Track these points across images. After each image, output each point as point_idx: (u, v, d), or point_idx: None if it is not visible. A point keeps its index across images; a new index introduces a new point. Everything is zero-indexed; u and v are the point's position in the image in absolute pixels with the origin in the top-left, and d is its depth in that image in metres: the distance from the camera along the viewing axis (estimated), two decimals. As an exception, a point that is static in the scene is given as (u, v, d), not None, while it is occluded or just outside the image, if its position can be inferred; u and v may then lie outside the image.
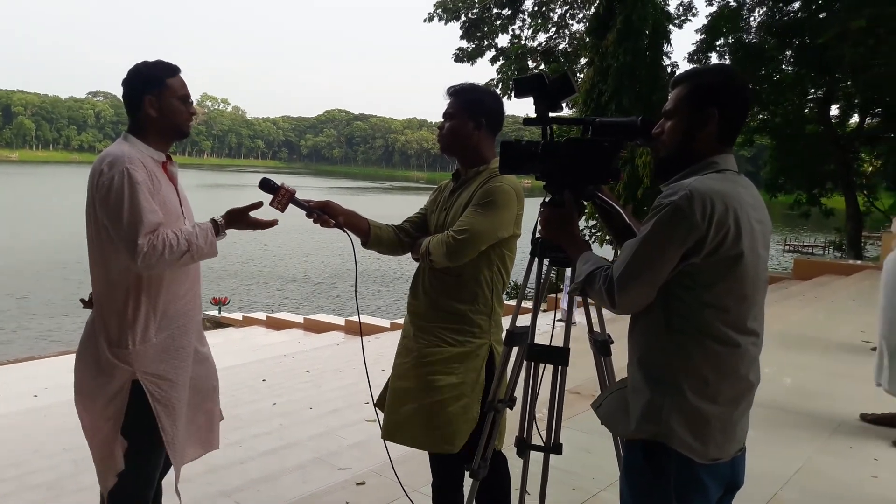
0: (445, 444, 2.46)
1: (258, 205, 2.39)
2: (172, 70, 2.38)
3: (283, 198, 2.40)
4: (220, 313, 15.91)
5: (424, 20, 23.68)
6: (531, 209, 2.44)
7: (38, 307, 20.18)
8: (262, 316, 15.78)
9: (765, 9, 20.00)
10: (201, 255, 2.30)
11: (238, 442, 4.65)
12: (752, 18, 20.27)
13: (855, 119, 21.69)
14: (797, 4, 18.92)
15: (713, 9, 20.37)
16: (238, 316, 16.06)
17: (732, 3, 19.98)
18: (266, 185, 2.42)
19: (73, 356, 2.47)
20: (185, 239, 2.24)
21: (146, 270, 2.21)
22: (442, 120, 2.58)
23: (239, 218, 2.40)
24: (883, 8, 14.63)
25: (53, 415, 6.49)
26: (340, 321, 14.03)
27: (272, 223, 2.46)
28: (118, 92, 2.45)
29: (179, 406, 2.38)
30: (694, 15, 21.23)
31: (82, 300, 2.52)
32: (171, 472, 2.50)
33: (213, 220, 2.37)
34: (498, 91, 17.89)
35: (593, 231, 17.22)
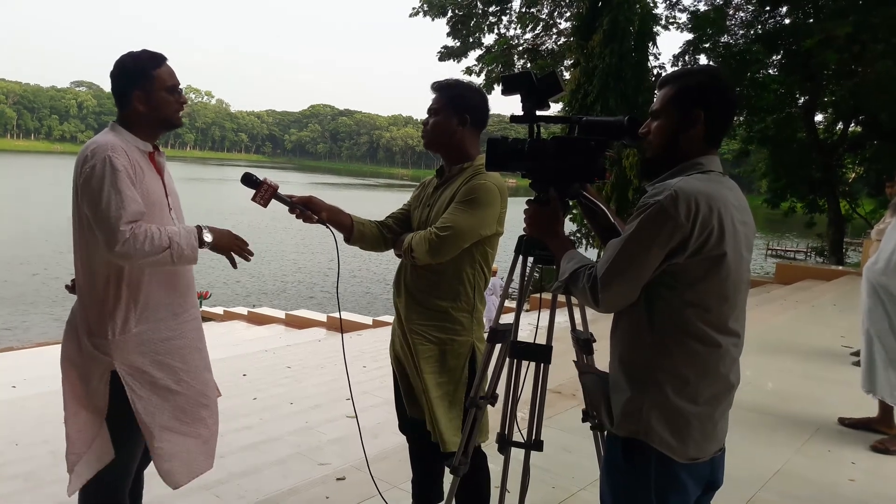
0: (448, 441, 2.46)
1: (248, 252, 2.42)
2: (158, 60, 2.34)
3: (265, 193, 2.38)
4: (200, 307, 15.82)
5: (410, 15, 23.53)
6: (515, 208, 2.43)
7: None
8: (243, 311, 15.73)
9: (750, 10, 20.11)
10: (181, 257, 2.22)
11: (219, 435, 4.62)
12: (737, 20, 20.39)
13: (840, 126, 21.90)
14: (783, 9, 19.06)
15: (700, 6, 20.48)
16: (219, 310, 15.99)
17: (719, 1, 20.07)
18: (248, 181, 2.40)
19: (53, 347, 2.45)
20: (168, 236, 2.19)
21: (122, 259, 2.15)
22: (427, 116, 2.57)
23: (227, 243, 2.36)
24: (867, 15, 14.77)
25: (32, 406, 6.43)
26: (322, 317, 14.00)
27: (249, 255, 2.43)
28: (101, 82, 2.46)
29: (158, 401, 2.34)
30: (681, 11, 21.31)
31: (67, 286, 2.49)
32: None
33: (199, 227, 2.32)
34: (480, 85, 17.97)
35: (578, 233, 17.29)
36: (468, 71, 23.30)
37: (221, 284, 23.62)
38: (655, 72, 18.40)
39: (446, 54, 24.05)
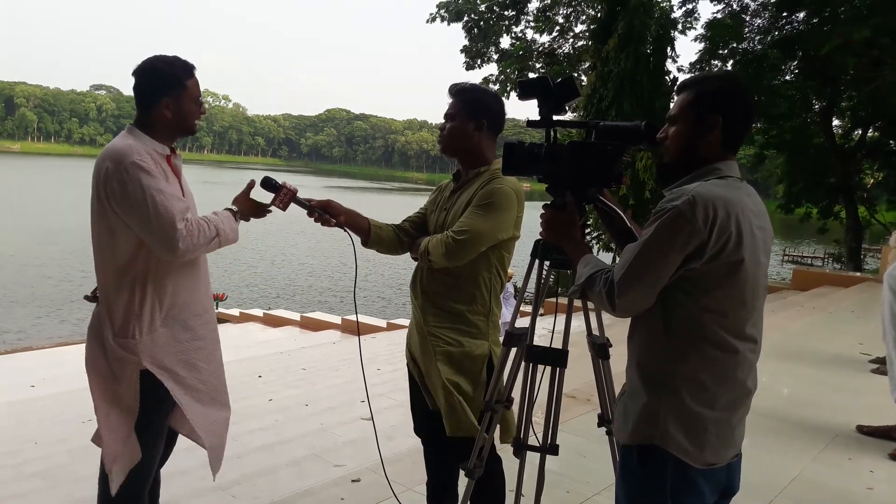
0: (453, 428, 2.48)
1: (252, 184, 2.48)
2: (190, 71, 2.37)
3: (284, 197, 2.41)
4: (217, 309, 15.91)
5: (427, 21, 23.58)
6: (531, 212, 2.44)
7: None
8: (258, 312, 15.79)
9: (767, 16, 19.99)
10: (227, 239, 2.35)
11: (233, 436, 4.61)
12: (754, 26, 20.27)
13: (858, 131, 21.70)
14: (801, 15, 18.92)
15: (716, 12, 20.38)
16: (235, 312, 16.07)
17: (735, 7, 19.97)
18: (268, 184, 2.43)
19: (72, 347, 2.49)
20: (213, 224, 2.29)
21: (185, 255, 2.22)
22: (443, 121, 2.58)
23: (248, 205, 2.47)
24: (885, 19, 14.62)
25: (50, 405, 6.51)
26: (337, 320, 14.03)
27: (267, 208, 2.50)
28: (121, 86, 2.51)
29: (186, 397, 2.38)
30: (696, 20, 21.22)
31: (86, 296, 2.50)
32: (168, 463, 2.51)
33: (230, 209, 2.43)
34: (495, 89, 17.96)
35: (594, 237, 17.20)
36: (486, 81, 23.28)
37: (237, 287, 23.75)
38: (672, 77, 18.31)
39: (472, 63, 23.93)
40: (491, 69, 24.16)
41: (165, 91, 2.32)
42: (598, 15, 18.68)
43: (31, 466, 4.33)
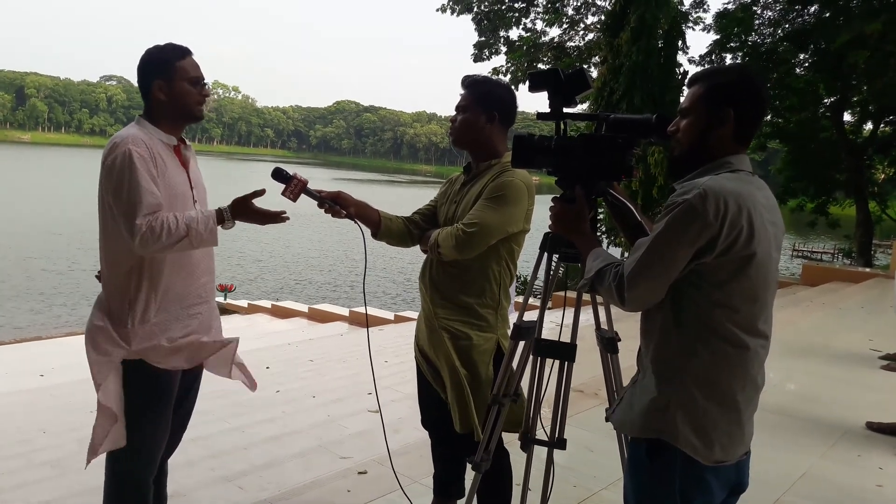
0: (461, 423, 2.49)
1: (261, 192, 2.33)
2: (182, 52, 2.37)
3: (295, 188, 2.40)
4: (225, 300, 15.98)
5: (437, 10, 23.49)
6: (541, 205, 2.43)
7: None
8: (267, 304, 15.83)
9: (778, 9, 19.85)
10: (200, 241, 2.25)
11: (241, 428, 4.67)
12: (764, 19, 20.13)
13: (869, 126, 21.53)
14: (813, 8, 18.77)
15: (727, 3, 20.25)
16: (243, 303, 16.11)
17: (746, 0, 19.84)
18: (279, 175, 2.42)
19: (80, 337, 2.48)
20: (185, 223, 2.22)
21: (142, 251, 2.21)
22: (454, 113, 2.57)
23: (243, 209, 2.32)
24: None
25: (60, 394, 6.53)
26: (345, 312, 14.04)
27: (281, 216, 2.38)
28: (130, 76, 2.47)
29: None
30: (705, 11, 21.08)
31: (97, 275, 2.51)
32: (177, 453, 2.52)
33: (219, 209, 2.34)
34: (505, 80, 17.92)
35: (604, 231, 17.14)
36: (495, 71, 23.22)
37: (246, 278, 23.82)
38: (682, 70, 18.21)
39: (479, 55, 23.91)
40: (499, 60, 24.13)
41: (156, 74, 2.34)
42: (611, 7, 18.57)
43: (40, 455, 4.35)
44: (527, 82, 2.16)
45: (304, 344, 10.07)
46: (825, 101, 20.25)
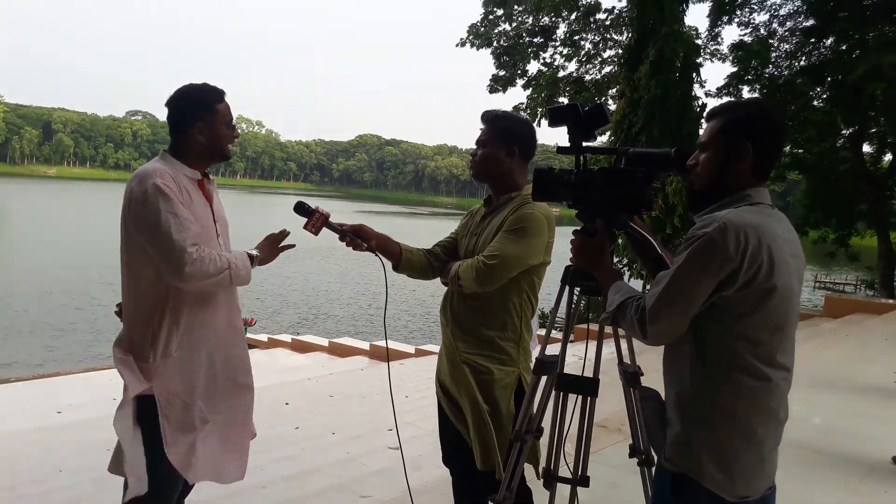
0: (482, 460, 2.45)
1: (286, 235, 2.53)
2: (221, 95, 2.42)
3: (317, 221, 2.43)
4: (245, 334, 16.00)
5: (456, 45, 23.96)
6: (561, 238, 2.43)
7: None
8: (287, 338, 15.84)
9: (794, 42, 19.90)
10: (238, 278, 2.33)
11: (260, 466, 4.63)
12: (781, 52, 20.17)
13: (889, 157, 21.38)
14: (829, 41, 18.79)
15: (742, 35, 20.35)
16: (263, 337, 16.14)
17: (763, 32, 19.92)
18: (301, 209, 2.45)
19: (99, 373, 2.50)
20: (225, 258, 2.29)
21: (190, 281, 2.21)
22: (474, 147, 2.60)
23: (271, 257, 2.52)
24: None
25: (76, 432, 6.53)
26: (365, 345, 14.02)
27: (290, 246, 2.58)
28: (156, 111, 2.56)
29: (188, 423, 2.37)
30: (720, 44, 21.18)
31: (116, 311, 2.53)
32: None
33: (248, 253, 2.43)
34: (526, 116, 18.07)
35: (625, 264, 17.06)
36: (516, 109, 23.48)
37: (266, 313, 23.90)
38: (700, 103, 18.26)
39: (495, 87, 24.27)
40: (517, 93, 24.43)
41: (198, 117, 2.37)
42: (628, 42, 18.73)
43: (56, 495, 4.32)
44: (547, 116, 2.18)
45: (324, 379, 10.05)
46: (843, 132, 20.15)
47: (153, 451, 2.31)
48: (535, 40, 23.66)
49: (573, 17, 23.05)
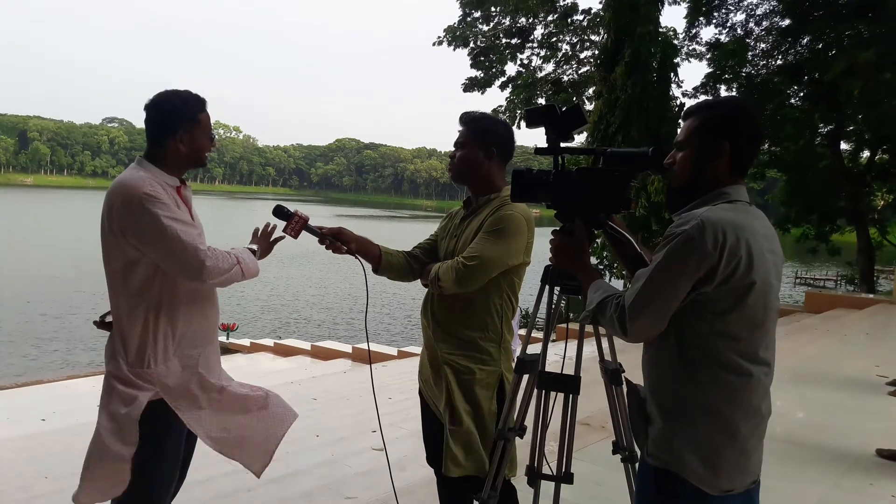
0: (452, 465, 2.45)
1: (272, 227, 2.60)
2: (203, 104, 2.41)
3: (296, 224, 2.43)
4: (227, 339, 15.90)
5: (433, 43, 23.95)
6: (541, 238, 2.44)
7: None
8: (269, 342, 15.77)
9: (771, 41, 20.15)
10: (248, 270, 2.40)
11: (244, 469, 4.60)
12: (758, 51, 20.41)
13: (866, 154, 21.72)
14: (805, 40, 19.04)
15: (717, 34, 20.58)
16: (246, 342, 16.05)
17: (740, 32, 20.15)
18: (280, 212, 2.45)
19: (82, 380, 2.49)
20: (231, 253, 2.34)
21: (211, 278, 2.25)
22: (453, 149, 2.60)
23: (269, 250, 2.61)
24: (889, 46, 14.72)
25: (61, 439, 6.48)
26: (348, 348, 13.99)
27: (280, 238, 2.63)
28: (133, 118, 2.52)
29: (207, 414, 2.43)
30: (700, 44, 21.39)
31: (96, 322, 2.51)
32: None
33: (248, 248, 2.50)
34: (505, 118, 18.20)
35: (601, 265, 17.18)
36: (495, 111, 23.57)
37: (248, 318, 23.74)
38: (678, 103, 18.43)
39: (470, 86, 24.38)
40: (496, 95, 24.67)
41: (181, 126, 2.35)
42: (604, 43, 18.87)
43: (41, 501, 4.30)
44: (525, 117, 2.19)
45: (308, 382, 10.02)
46: (821, 130, 20.43)
47: (152, 452, 2.32)
48: (513, 41, 23.76)
49: (550, 18, 23.19)
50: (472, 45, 23.74)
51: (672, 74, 18.19)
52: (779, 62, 19.99)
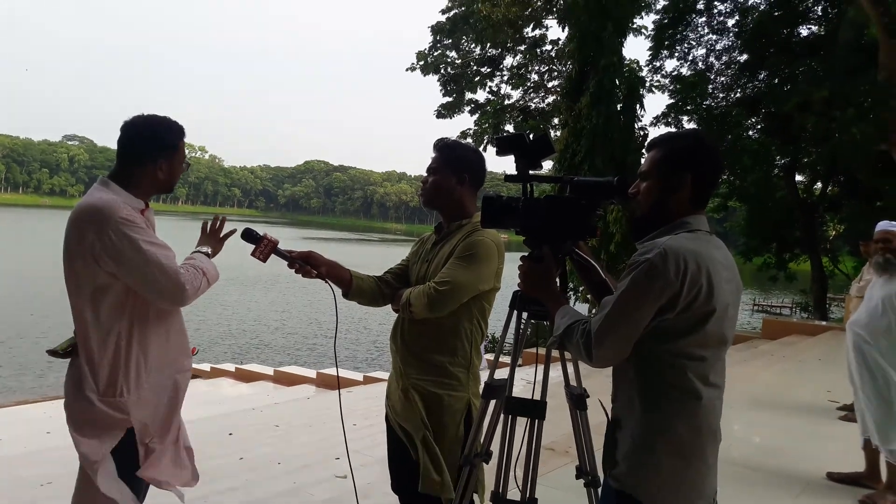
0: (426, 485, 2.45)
1: (222, 219, 2.61)
2: (183, 133, 2.41)
3: (265, 248, 2.42)
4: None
5: (406, 69, 24.31)
6: (510, 264, 2.48)
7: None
8: (231, 367, 15.50)
9: (730, 75, 20.78)
10: (212, 279, 2.38)
11: (203, 497, 4.51)
12: (717, 84, 21.03)
13: (819, 185, 22.42)
14: (762, 75, 19.68)
15: (678, 66, 21.16)
16: (206, 367, 15.74)
17: (701, 66, 20.74)
18: (249, 236, 2.45)
19: (31, 406, 2.43)
20: (193, 265, 2.32)
21: (190, 299, 2.24)
22: (425, 174, 2.64)
23: (219, 247, 2.56)
24: (840, 84, 15.31)
25: (12, 466, 6.27)
26: (312, 374, 13.82)
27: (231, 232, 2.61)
28: (94, 136, 2.49)
29: (162, 451, 2.36)
30: (664, 77, 21.93)
31: (53, 351, 2.38)
32: None
33: (199, 252, 2.46)
34: (472, 142, 18.44)
35: (571, 290, 17.34)
36: (463, 134, 23.86)
37: (208, 343, 23.36)
38: (643, 132, 18.83)
39: (442, 113, 24.64)
40: (463, 119, 25.05)
41: (161, 154, 2.34)
42: (570, 73, 19.23)
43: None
44: (494, 145, 2.24)
45: (269, 409, 9.86)
46: (778, 161, 21.05)
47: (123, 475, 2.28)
48: (483, 69, 24.13)
49: (518, 49, 23.63)
50: (442, 72, 24.07)
51: (637, 106, 18.58)
52: (738, 95, 20.63)
